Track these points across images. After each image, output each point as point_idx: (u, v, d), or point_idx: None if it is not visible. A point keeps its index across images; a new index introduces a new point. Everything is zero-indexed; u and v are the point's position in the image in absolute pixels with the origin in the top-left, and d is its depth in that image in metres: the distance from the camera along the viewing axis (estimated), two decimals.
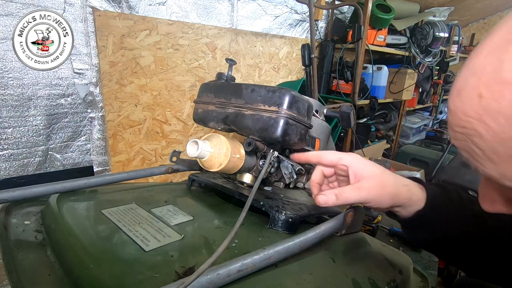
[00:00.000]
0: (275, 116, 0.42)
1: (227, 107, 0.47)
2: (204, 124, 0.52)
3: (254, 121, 0.43)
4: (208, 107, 0.50)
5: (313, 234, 0.44)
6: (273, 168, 0.55)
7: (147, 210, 0.51)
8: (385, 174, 0.42)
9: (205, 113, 0.51)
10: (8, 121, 1.06)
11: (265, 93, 0.43)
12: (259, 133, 0.43)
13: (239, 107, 0.45)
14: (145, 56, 1.37)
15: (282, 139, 0.42)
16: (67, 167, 1.24)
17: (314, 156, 0.44)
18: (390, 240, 0.95)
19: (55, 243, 0.44)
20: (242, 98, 0.45)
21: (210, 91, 0.51)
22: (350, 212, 0.51)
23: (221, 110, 0.48)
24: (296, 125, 0.43)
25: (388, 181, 0.42)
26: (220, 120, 0.48)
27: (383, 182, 0.42)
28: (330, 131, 0.61)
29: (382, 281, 0.45)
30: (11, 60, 1.02)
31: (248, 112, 0.44)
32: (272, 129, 0.42)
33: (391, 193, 0.42)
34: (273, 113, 0.42)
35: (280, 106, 0.41)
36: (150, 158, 1.52)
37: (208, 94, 0.51)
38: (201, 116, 0.52)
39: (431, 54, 2.82)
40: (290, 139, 0.43)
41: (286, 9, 1.90)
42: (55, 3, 1.07)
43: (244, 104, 0.45)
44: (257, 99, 0.43)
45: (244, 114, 0.44)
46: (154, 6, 1.35)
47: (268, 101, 0.42)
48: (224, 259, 0.36)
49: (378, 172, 0.42)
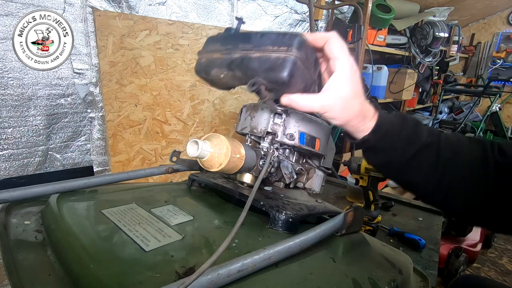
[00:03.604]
0: (283, 55, 0.41)
1: (233, 53, 0.45)
2: (205, 73, 0.50)
3: (261, 62, 0.42)
4: (212, 55, 0.48)
5: (313, 234, 0.44)
6: (273, 168, 0.55)
7: (147, 210, 0.51)
8: (354, 100, 0.43)
9: (209, 61, 0.49)
10: (8, 121, 1.06)
11: (275, 37, 0.42)
12: (265, 74, 0.42)
13: (246, 51, 0.44)
14: (145, 56, 1.37)
15: (288, 80, 0.41)
16: (67, 167, 1.24)
17: (323, 38, 0.43)
18: (390, 240, 0.95)
19: (55, 243, 0.44)
20: (251, 43, 0.44)
21: (216, 41, 0.49)
22: (350, 212, 0.51)
23: (226, 56, 0.46)
24: (302, 70, 0.42)
25: (354, 107, 0.43)
26: (224, 66, 0.46)
27: (348, 108, 0.43)
28: (330, 131, 0.61)
29: (382, 281, 0.45)
30: (11, 60, 1.02)
31: (256, 54, 0.43)
32: (279, 68, 0.41)
33: (350, 117, 0.44)
34: (282, 53, 0.41)
35: (289, 47, 0.41)
36: (150, 158, 1.52)
37: (214, 44, 0.49)
38: (203, 65, 0.50)
39: (431, 54, 2.82)
40: (295, 82, 0.42)
41: (286, 9, 1.90)
42: (55, 3, 1.07)
43: (252, 48, 0.44)
44: (266, 42, 0.43)
45: (251, 57, 0.43)
46: (154, 6, 1.35)
47: (278, 42, 0.42)
48: (224, 259, 0.36)
49: (350, 95, 0.43)
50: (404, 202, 1.21)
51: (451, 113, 3.73)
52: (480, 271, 1.80)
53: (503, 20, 3.83)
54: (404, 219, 1.08)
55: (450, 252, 1.58)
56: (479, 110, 3.59)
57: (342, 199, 1.26)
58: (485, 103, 3.54)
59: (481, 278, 0.95)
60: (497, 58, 3.92)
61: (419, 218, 1.09)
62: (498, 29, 3.89)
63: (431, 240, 0.93)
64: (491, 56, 3.97)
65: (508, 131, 3.26)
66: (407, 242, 0.92)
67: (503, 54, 3.86)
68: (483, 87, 2.74)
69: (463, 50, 3.98)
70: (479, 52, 4.04)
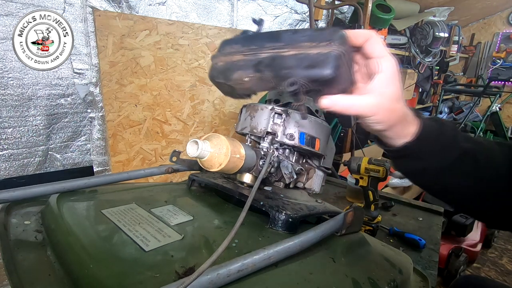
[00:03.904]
0: (326, 50, 0.37)
1: (259, 53, 0.41)
2: (225, 78, 0.45)
3: (299, 60, 0.38)
4: (232, 58, 0.44)
5: (313, 234, 0.44)
6: (273, 168, 0.55)
7: (147, 210, 0.51)
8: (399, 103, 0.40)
9: (229, 65, 0.44)
10: (8, 121, 1.06)
11: (311, 33, 0.38)
12: (305, 72, 0.38)
13: (277, 50, 0.40)
14: (145, 56, 1.37)
15: (333, 77, 0.37)
16: (67, 167, 1.24)
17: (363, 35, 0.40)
18: (390, 240, 0.95)
19: (55, 243, 0.44)
20: (281, 41, 0.40)
21: (234, 43, 0.44)
22: (350, 212, 0.51)
23: (251, 57, 0.42)
24: (345, 68, 0.38)
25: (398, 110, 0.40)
26: (249, 67, 0.41)
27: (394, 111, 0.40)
28: (330, 131, 0.61)
29: (382, 281, 0.45)
30: (11, 60, 1.02)
31: (290, 52, 0.39)
32: (323, 64, 0.36)
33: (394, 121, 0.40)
34: (323, 48, 0.37)
35: (332, 41, 0.37)
36: (150, 158, 1.52)
37: (232, 46, 0.45)
38: (221, 69, 0.45)
39: (431, 54, 2.82)
40: (339, 80, 0.38)
41: (286, 9, 1.90)
42: (55, 3, 1.07)
43: (283, 46, 0.39)
44: (300, 39, 0.39)
45: (285, 55, 0.39)
46: (154, 6, 1.35)
47: (316, 38, 0.38)
48: (224, 259, 0.36)
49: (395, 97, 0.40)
50: (404, 202, 1.21)
51: (451, 113, 3.73)
52: (480, 271, 1.80)
53: (503, 20, 3.83)
54: (404, 219, 1.08)
55: (450, 252, 1.58)
56: (479, 110, 3.59)
57: (342, 199, 1.26)
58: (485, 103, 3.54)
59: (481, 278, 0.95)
60: (497, 58, 3.92)
61: (419, 218, 1.09)
62: (498, 29, 3.89)
63: (431, 240, 0.93)
64: (491, 56, 3.97)
65: (508, 131, 3.26)
66: (407, 242, 0.92)
67: (503, 54, 3.86)
68: (483, 87, 2.74)
69: (463, 50, 3.98)
70: (479, 52, 4.04)
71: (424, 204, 1.19)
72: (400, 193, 2.03)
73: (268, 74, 0.40)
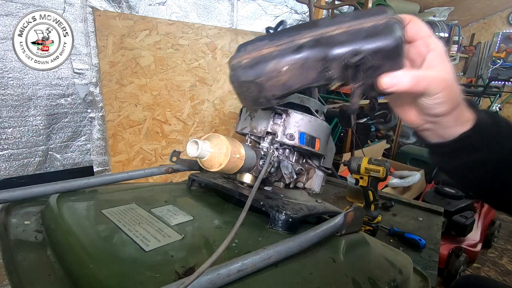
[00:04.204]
0: (383, 21, 0.33)
1: (297, 40, 0.36)
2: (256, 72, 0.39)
3: (353, 34, 0.34)
4: (261, 52, 0.37)
5: (313, 234, 0.44)
6: (273, 168, 0.55)
7: (147, 210, 0.51)
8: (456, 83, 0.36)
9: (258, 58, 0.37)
10: (8, 121, 1.06)
11: (355, 13, 0.35)
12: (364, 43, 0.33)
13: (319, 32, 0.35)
14: (145, 56, 1.37)
15: (399, 43, 0.33)
16: (67, 167, 1.24)
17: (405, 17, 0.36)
18: (390, 240, 0.95)
19: (55, 243, 0.43)
20: (320, 26, 0.35)
21: (259, 40, 0.39)
22: (350, 212, 0.51)
23: (288, 45, 0.36)
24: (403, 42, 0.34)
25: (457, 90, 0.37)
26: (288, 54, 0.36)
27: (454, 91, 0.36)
28: (330, 131, 0.61)
29: (382, 281, 0.45)
30: (11, 60, 1.02)
31: (337, 31, 0.34)
32: (385, 32, 0.33)
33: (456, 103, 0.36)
34: (377, 20, 0.34)
35: (386, 13, 0.34)
36: (150, 158, 1.52)
37: (256, 44, 0.39)
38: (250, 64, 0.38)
39: None
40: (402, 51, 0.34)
41: (286, 9, 1.90)
42: (55, 3, 1.07)
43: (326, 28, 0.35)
44: (345, 20, 0.35)
45: (332, 34, 0.34)
46: (154, 6, 1.35)
47: (362, 16, 0.34)
48: (224, 259, 0.36)
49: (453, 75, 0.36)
50: (404, 202, 1.21)
51: None
52: (480, 271, 1.80)
53: (503, 20, 3.83)
54: (404, 219, 1.08)
55: (450, 252, 1.58)
56: None
57: (342, 199, 1.26)
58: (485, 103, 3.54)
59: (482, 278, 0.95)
60: (497, 58, 3.92)
61: (419, 218, 1.09)
62: (498, 29, 3.89)
63: (431, 240, 0.93)
64: (491, 56, 3.97)
65: None
66: (407, 242, 0.92)
67: (503, 54, 3.86)
68: (483, 87, 2.74)
69: (463, 50, 3.98)
70: (479, 52, 4.04)
71: (424, 204, 1.19)
72: (400, 193, 2.03)
73: (315, 57, 0.35)
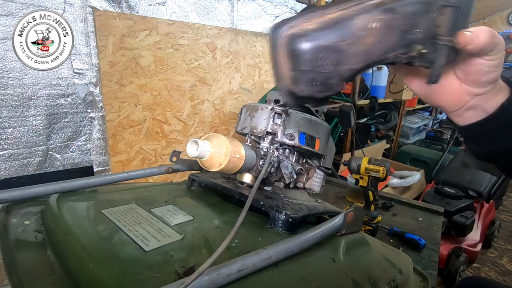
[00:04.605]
0: None
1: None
2: (337, 33, 0.32)
3: None
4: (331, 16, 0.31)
5: (313, 234, 0.44)
6: (273, 168, 0.55)
7: (147, 210, 0.51)
8: None
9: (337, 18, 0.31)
10: (8, 121, 1.06)
11: None
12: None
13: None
14: (145, 56, 1.37)
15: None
16: (67, 167, 1.24)
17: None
18: (390, 240, 0.95)
19: (55, 243, 0.44)
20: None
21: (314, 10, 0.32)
22: (350, 212, 0.51)
23: (364, 5, 0.32)
24: None
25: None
26: (374, 10, 0.32)
27: None
28: (330, 131, 0.61)
29: (382, 281, 0.45)
30: (11, 60, 1.02)
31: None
32: None
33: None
34: None
35: None
36: (150, 158, 1.52)
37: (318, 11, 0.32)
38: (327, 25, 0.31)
39: None
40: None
41: (286, 9, 1.91)
42: (55, 3, 1.07)
43: None
44: None
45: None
46: (154, 6, 1.35)
47: None
48: (224, 259, 0.36)
49: None
50: (404, 202, 1.21)
51: None
52: (480, 271, 1.80)
53: (503, 20, 3.83)
54: (404, 219, 1.08)
55: (450, 252, 1.58)
56: None
57: (342, 199, 1.26)
58: None
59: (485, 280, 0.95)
60: None
61: (419, 218, 1.09)
62: (498, 29, 3.89)
63: (431, 240, 0.93)
64: None
65: None
66: (407, 242, 0.92)
67: None
68: None
69: None
70: None
71: (424, 204, 1.19)
72: (400, 193, 2.03)
73: (406, 10, 0.32)
